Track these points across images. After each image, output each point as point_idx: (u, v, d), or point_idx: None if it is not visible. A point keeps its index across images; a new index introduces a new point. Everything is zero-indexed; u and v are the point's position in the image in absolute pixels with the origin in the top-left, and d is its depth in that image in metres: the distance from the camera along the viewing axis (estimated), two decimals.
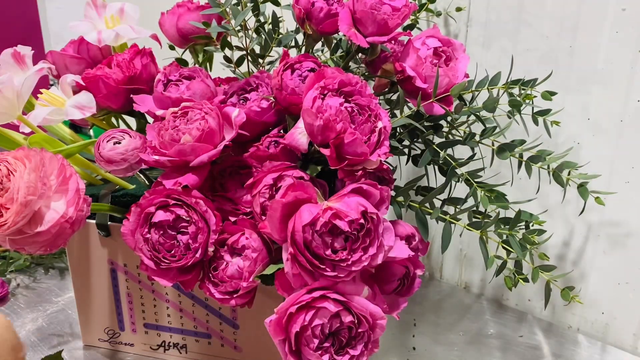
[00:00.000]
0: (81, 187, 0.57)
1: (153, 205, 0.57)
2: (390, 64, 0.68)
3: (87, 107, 0.66)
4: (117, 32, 0.72)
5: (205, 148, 0.57)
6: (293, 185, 0.53)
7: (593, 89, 0.76)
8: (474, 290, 0.94)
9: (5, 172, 0.55)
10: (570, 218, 0.81)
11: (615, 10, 0.72)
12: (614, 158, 0.76)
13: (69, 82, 0.68)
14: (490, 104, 0.63)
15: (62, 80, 0.69)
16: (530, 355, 0.79)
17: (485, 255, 0.62)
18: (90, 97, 0.66)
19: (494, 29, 0.82)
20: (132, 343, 0.76)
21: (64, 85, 0.68)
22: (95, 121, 0.73)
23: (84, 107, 0.65)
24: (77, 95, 0.67)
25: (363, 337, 0.54)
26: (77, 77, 0.68)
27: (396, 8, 0.61)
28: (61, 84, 0.68)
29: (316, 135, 0.55)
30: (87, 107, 0.66)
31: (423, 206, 0.63)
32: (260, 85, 0.64)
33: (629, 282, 0.79)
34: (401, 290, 0.61)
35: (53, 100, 0.67)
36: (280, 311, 0.52)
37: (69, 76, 0.69)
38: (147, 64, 0.69)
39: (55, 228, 0.55)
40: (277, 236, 0.53)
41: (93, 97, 0.66)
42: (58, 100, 0.67)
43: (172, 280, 0.58)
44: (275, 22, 0.68)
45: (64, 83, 0.68)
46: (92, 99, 0.66)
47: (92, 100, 0.66)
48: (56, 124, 0.70)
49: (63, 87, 0.68)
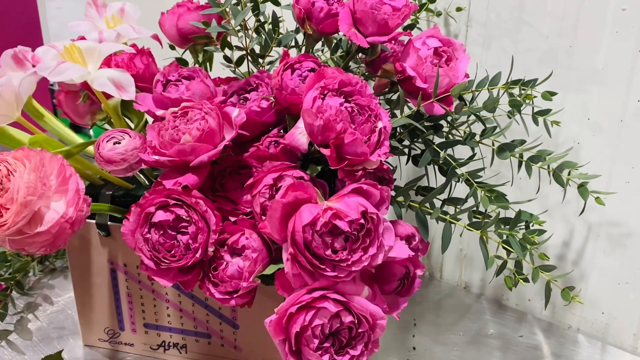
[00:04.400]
0: (81, 187, 0.57)
1: (153, 205, 0.57)
2: (391, 64, 0.68)
3: (125, 88, 0.60)
4: (118, 31, 0.72)
5: (205, 148, 0.57)
6: (293, 185, 0.53)
7: (593, 89, 0.76)
8: (474, 290, 0.94)
9: (5, 172, 0.55)
10: (570, 218, 0.81)
11: (615, 10, 0.71)
12: (614, 158, 0.76)
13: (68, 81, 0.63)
14: (491, 104, 0.63)
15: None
16: (530, 355, 0.79)
17: (486, 255, 0.62)
18: (130, 79, 0.61)
19: (494, 29, 0.82)
20: (132, 343, 0.76)
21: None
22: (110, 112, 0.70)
23: (122, 87, 0.60)
24: (115, 71, 0.61)
25: (363, 337, 0.54)
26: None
27: (396, 8, 0.61)
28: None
29: (316, 135, 0.55)
30: (125, 88, 0.60)
31: (423, 206, 0.63)
32: (260, 85, 0.64)
33: (629, 282, 0.79)
34: (401, 290, 0.61)
35: (70, 53, 0.62)
36: (280, 311, 0.52)
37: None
38: (149, 63, 0.69)
39: (55, 228, 0.55)
40: (277, 236, 0.53)
41: (133, 81, 0.61)
42: (77, 58, 0.63)
43: (172, 280, 0.58)
44: (275, 22, 0.68)
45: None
46: (133, 82, 0.61)
47: (132, 83, 0.61)
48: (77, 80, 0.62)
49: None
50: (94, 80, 0.61)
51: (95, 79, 0.61)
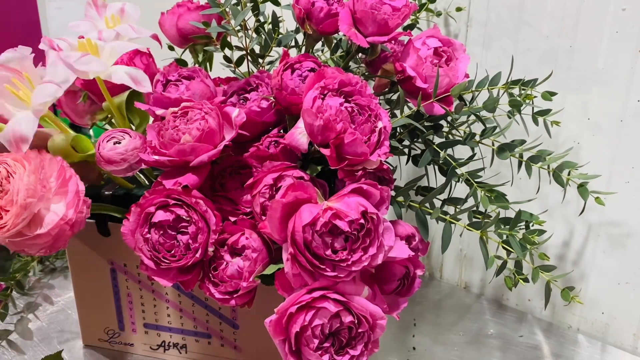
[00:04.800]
0: (81, 188, 0.57)
1: (153, 205, 0.57)
2: (391, 64, 0.68)
3: (141, 83, 0.61)
4: (117, 31, 0.72)
5: (205, 148, 0.57)
6: (293, 185, 0.53)
7: (593, 89, 0.76)
8: (474, 290, 0.94)
9: (5, 174, 0.54)
10: (570, 218, 0.81)
11: (615, 10, 0.71)
12: (614, 158, 0.76)
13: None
14: (491, 104, 0.63)
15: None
16: (530, 355, 0.79)
17: (485, 255, 0.62)
18: (144, 74, 0.62)
19: (494, 29, 0.82)
20: (132, 343, 0.76)
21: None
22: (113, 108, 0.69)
23: (138, 81, 0.61)
24: (128, 67, 0.63)
25: (363, 337, 0.54)
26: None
27: (396, 8, 0.61)
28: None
29: (316, 135, 0.55)
30: (141, 83, 0.61)
31: (423, 206, 0.63)
32: (260, 85, 0.64)
33: (629, 282, 0.79)
34: (401, 290, 0.61)
35: (89, 47, 0.62)
36: (280, 311, 0.52)
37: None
38: (149, 63, 0.69)
39: (55, 230, 0.55)
40: (277, 236, 0.53)
41: (147, 76, 0.62)
42: (90, 47, 0.63)
43: (172, 280, 0.58)
44: (275, 22, 0.68)
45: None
46: (146, 77, 0.62)
47: (146, 79, 0.62)
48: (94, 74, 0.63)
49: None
50: (112, 75, 0.62)
51: (113, 73, 0.62)
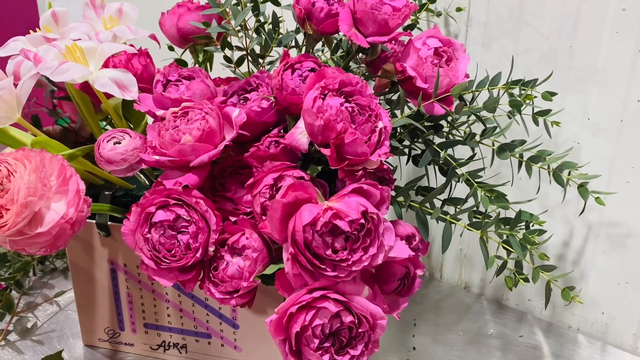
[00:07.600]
0: (81, 187, 0.57)
1: (153, 205, 0.57)
2: (391, 64, 0.68)
3: (127, 88, 0.60)
4: (114, 33, 0.71)
5: (205, 148, 0.57)
6: (293, 185, 0.53)
7: (593, 89, 0.76)
8: (474, 290, 0.94)
9: (6, 172, 0.54)
10: (570, 218, 0.81)
11: (615, 10, 0.72)
12: (614, 158, 0.76)
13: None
14: (491, 104, 0.63)
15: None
16: (530, 355, 0.79)
17: (486, 255, 0.62)
18: (132, 79, 0.61)
19: (494, 29, 0.82)
20: (132, 343, 0.76)
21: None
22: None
23: (124, 87, 0.60)
24: (116, 71, 0.61)
25: (363, 337, 0.54)
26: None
27: (397, 8, 0.61)
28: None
29: (316, 135, 0.55)
30: (127, 88, 0.60)
31: (423, 206, 0.63)
32: (261, 85, 0.64)
33: (629, 282, 0.79)
34: (401, 290, 0.61)
35: (74, 55, 0.62)
36: (280, 311, 0.52)
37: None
38: (147, 64, 0.69)
39: (56, 229, 0.55)
40: (278, 236, 0.53)
41: (135, 81, 0.61)
42: (78, 57, 0.62)
43: (172, 280, 0.58)
44: (275, 22, 0.68)
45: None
46: (135, 82, 0.61)
47: (135, 83, 0.61)
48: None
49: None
50: (95, 81, 0.61)
51: (97, 79, 0.61)
